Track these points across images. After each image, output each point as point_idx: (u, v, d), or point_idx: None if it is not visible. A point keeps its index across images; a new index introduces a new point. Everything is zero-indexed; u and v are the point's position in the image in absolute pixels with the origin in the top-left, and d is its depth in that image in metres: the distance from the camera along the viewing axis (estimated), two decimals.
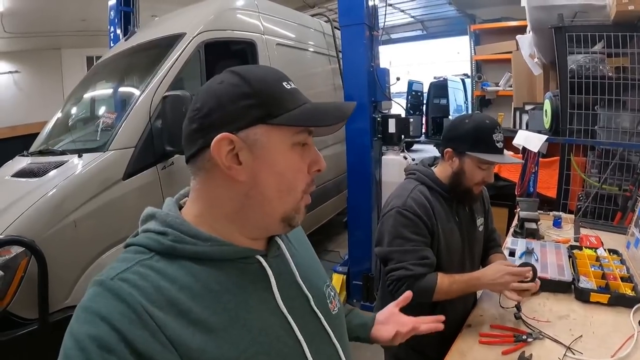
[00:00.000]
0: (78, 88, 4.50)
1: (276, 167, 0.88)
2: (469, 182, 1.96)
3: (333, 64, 5.92)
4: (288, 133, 0.89)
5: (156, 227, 0.87)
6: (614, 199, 3.62)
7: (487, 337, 1.84)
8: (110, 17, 5.68)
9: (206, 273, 0.84)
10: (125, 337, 0.72)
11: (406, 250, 1.90)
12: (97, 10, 6.04)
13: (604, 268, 2.34)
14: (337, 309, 1.09)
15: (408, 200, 1.96)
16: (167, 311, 0.77)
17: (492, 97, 7.59)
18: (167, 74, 3.52)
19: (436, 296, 1.86)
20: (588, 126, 3.76)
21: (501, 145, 1.91)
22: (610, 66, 3.73)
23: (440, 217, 1.98)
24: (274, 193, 0.89)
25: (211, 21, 4.05)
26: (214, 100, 0.86)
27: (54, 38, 10.22)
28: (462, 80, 14.83)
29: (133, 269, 0.80)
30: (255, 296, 0.89)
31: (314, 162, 0.95)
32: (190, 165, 0.92)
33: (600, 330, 1.86)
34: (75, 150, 3.28)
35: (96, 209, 2.95)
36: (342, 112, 0.93)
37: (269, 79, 0.89)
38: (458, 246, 2.06)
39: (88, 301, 0.77)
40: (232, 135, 0.84)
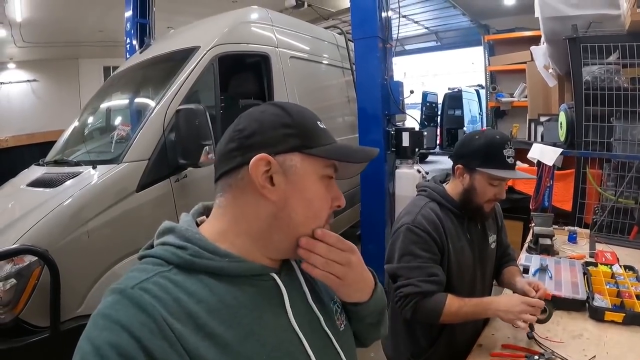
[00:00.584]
0: (94, 99, 4.55)
1: (306, 193, 0.93)
2: (480, 199, 1.93)
3: (347, 77, 5.88)
4: (319, 165, 0.95)
5: (175, 241, 0.89)
6: (630, 212, 3.55)
7: (499, 358, 1.81)
8: (126, 28, 5.75)
9: (223, 288, 0.86)
10: (145, 347, 0.73)
11: (415, 267, 1.88)
12: (115, 22, 6.12)
13: (619, 285, 2.29)
14: (343, 325, 1.09)
15: (418, 217, 1.94)
16: (185, 323, 0.78)
17: (507, 108, 7.55)
18: (181, 87, 3.53)
19: (444, 318, 1.83)
20: (604, 138, 3.70)
21: (512, 160, 1.89)
22: (625, 77, 3.68)
23: (451, 234, 1.96)
24: (301, 218, 0.93)
25: (225, 34, 4.05)
26: (256, 125, 0.92)
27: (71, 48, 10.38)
28: (476, 91, 14.84)
29: (153, 280, 0.82)
30: (269, 312, 0.91)
31: (335, 197, 1.00)
32: (222, 182, 0.96)
33: (614, 351, 1.82)
34: (89, 162, 3.31)
35: (109, 220, 2.96)
36: (367, 154, 1.01)
37: (307, 116, 0.98)
38: (469, 264, 2.02)
39: (107, 309, 0.78)
40: (270, 157, 0.89)
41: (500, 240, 2.27)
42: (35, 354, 2.63)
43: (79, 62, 11.38)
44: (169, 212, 3.25)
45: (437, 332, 2.01)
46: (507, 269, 2.23)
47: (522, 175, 2.14)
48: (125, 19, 5.77)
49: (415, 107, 15.29)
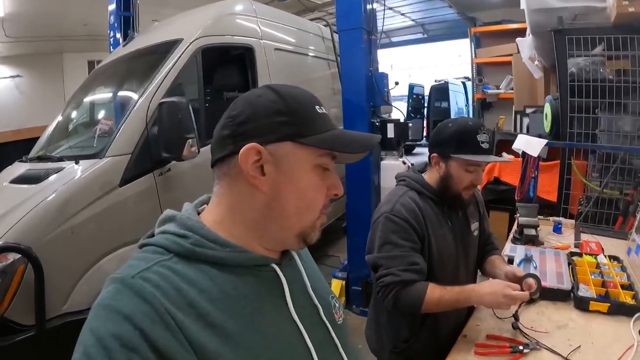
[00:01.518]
0: (77, 93, 4.50)
1: (298, 183, 0.91)
2: (458, 186, 1.92)
3: (332, 69, 5.89)
4: (313, 154, 0.92)
5: (176, 229, 0.89)
6: (615, 203, 3.57)
7: (483, 348, 1.80)
8: (110, 21, 5.66)
9: (223, 278, 0.86)
10: (148, 337, 0.72)
11: (395, 255, 1.86)
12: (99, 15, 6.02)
13: (604, 275, 2.30)
14: (341, 319, 1.11)
15: (396, 205, 1.93)
16: (187, 313, 0.78)
17: (493, 99, 7.58)
18: (164, 80, 3.51)
19: (425, 307, 1.81)
20: (589, 130, 3.72)
21: (487, 145, 1.87)
22: (610, 69, 3.69)
23: (431, 222, 1.94)
24: (293, 209, 0.92)
25: (209, 26, 4.03)
26: (249, 111, 0.90)
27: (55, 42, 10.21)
28: (463, 83, 14.91)
29: (153, 269, 0.81)
30: (270, 303, 0.91)
31: (332, 186, 0.97)
32: (216, 170, 0.95)
33: (599, 341, 1.82)
34: (72, 157, 3.29)
35: (93, 215, 2.94)
36: (367, 142, 0.99)
37: (304, 101, 0.94)
38: (452, 252, 2.01)
39: (108, 299, 0.77)
40: (260, 147, 0.88)
41: (483, 228, 2.26)
42: (21, 352, 2.60)
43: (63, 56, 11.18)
44: (153, 206, 3.25)
45: (420, 323, 1.99)
46: (490, 258, 2.22)
47: (497, 158, 2.12)
48: (109, 11, 5.68)
49: (402, 99, 15.32)
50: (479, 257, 2.26)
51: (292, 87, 0.98)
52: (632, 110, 3.65)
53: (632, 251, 2.57)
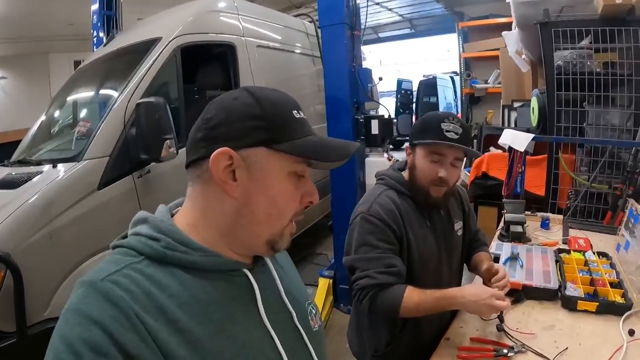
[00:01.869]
0: (58, 95, 4.44)
1: (269, 191, 0.90)
2: (422, 177, 1.84)
3: (317, 65, 5.80)
4: (288, 161, 0.90)
5: (148, 231, 0.88)
6: (604, 197, 3.53)
7: (466, 352, 1.73)
8: (93, 21, 5.58)
9: (194, 282, 0.85)
10: (117, 341, 0.71)
11: (371, 258, 1.79)
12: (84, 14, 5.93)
13: (593, 273, 2.24)
14: (317, 326, 1.09)
15: (373, 205, 1.86)
16: (156, 318, 0.77)
17: (482, 94, 7.57)
18: (142, 80, 3.45)
19: (403, 312, 1.73)
20: (576, 123, 3.68)
21: (454, 136, 1.76)
22: (597, 61, 3.66)
23: (411, 222, 1.87)
24: (263, 216, 0.91)
25: (188, 24, 3.97)
26: (223, 114, 0.88)
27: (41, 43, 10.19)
28: (451, 78, 14.95)
29: (123, 272, 0.80)
30: (241, 309, 0.90)
31: (307, 194, 0.96)
32: (190, 172, 0.93)
33: (587, 342, 1.76)
34: (50, 160, 3.24)
35: (72, 220, 2.90)
36: (345, 151, 0.95)
37: (281, 105, 0.91)
38: (433, 252, 1.93)
39: (78, 303, 0.76)
40: (232, 152, 0.85)
41: (469, 226, 2.19)
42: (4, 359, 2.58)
43: (49, 57, 11.18)
44: (133, 208, 3.18)
45: (401, 326, 1.93)
46: (476, 255, 2.16)
47: (459, 146, 1.82)
48: (92, 11, 5.60)
49: (390, 95, 15.30)
50: (466, 254, 2.20)
51: (270, 90, 0.95)
52: (620, 103, 3.63)
53: (622, 247, 2.51)
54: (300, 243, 5.98)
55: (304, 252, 6.16)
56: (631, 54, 3.47)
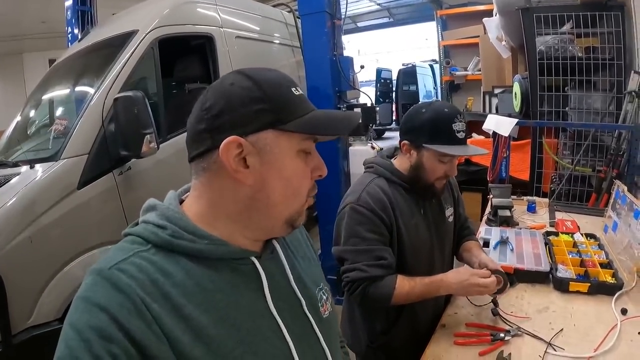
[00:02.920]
0: (34, 93, 4.31)
1: (283, 172, 0.88)
2: (430, 176, 1.81)
3: (297, 56, 5.72)
4: (296, 139, 0.89)
5: (155, 219, 0.87)
6: (587, 180, 3.57)
7: (463, 338, 1.73)
8: (67, 17, 5.45)
9: (200, 271, 0.84)
10: (124, 327, 0.72)
11: (361, 250, 1.76)
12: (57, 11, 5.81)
13: (582, 254, 2.26)
14: (328, 313, 1.08)
15: (363, 194, 1.81)
16: (161, 304, 0.77)
17: (461, 81, 7.58)
18: (119, 74, 3.35)
19: (394, 301, 1.72)
20: (559, 108, 3.71)
21: (463, 135, 1.74)
22: (579, 46, 3.69)
23: (402, 211, 1.83)
24: (280, 198, 0.90)
25: (165, 16, 3.87)
26: (224, 102, 0.85)
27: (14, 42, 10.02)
28: (430, 66, 14.97)
29: (130, 260, 0.80)
30: (247, 297, 0.89)
31: (316, 167, 0.95)
32: (195, 165, 0.90)
33: (581, 322, 1.78)
34: (27, 161, 3.13)
35: (52, 222, 2.80)
36: (350, 122, 0.94)
37: (280, 84, 0.89)
38: (425, 241, 1.91)
39: (86, 291, 0.77)
40: (241, 139, 0.83)
41: (458, 213, 2.17)
42: None
43: (23, 56, 11.00)
44: (115, 207, 3.12)
45: (396, 316, 1.92)
46: (466, 244, 2.14)
47: (475, 151, 1.93)
48: (66, 7, 5.47)
49: (370, 84, 15.31)
50: (455, 243, 2.18)
51: (265, 70, 0.92)
52: (602, 87, 3.67)
53: (609, 228, 2.54)
54: None
55: None
56: (612, 39, 3.51)
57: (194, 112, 0.89)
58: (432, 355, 1.66)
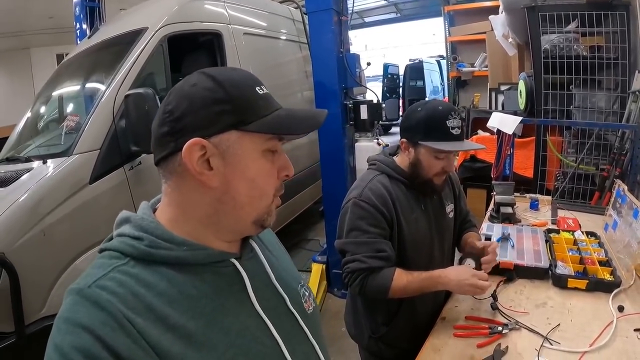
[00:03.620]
0: (44, 89, 4.35)
1: (247, 173, 0.88)
2: (427, 173, 1.86)
3: (304, 52, 5.77)
4: (260, 139, 0.88)
5: (131, 231, 0.86)
6: (591, 178, 3.59)
7: (462, 330, 1.78)
8: (75, 13, 5.46)
9: (182, 278, 0.84)
10: (109, 345, 0.71)
11: (362, 242, 1.83)
12: (64, 6, 5.82)
13: (582, 252, 2.30)
14: (312, 308, 1.09)
15: (365, 190, 1.88)
16: (145, 317, 0.76)
17: (468, 77, 7.55)
18: (130, 71, 3.41)
19: (392, 294, 1.79)
20: (563, 106, 3.73)
21: (458, 131, 1.78)
22: (584, 45, 3.70)
23: (402, 207, 1.89)
24: (246, 199, 0.89)
25: (174, 14, 3.91)
26: (186, 104, 0.84)
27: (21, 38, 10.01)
28: (437, 61, 14.91)
29: (109, 276, 0.79)
30: (232, 299, 0.89)
31: (283, 167, 0.95)
32: (161, 169, 0.90)
33: (578, 318, 1.82)
34: (40, 157, 3.19)
35: (65, 215, 2.86)
36: (315, 121, 0.95)
37: (243, 84, 0.88)
38: (425, 236, 1.96)
39: (67, 312, 0.76)
40: (204, 141, 0.83)
41: (460, 208, 2.22)
42: None
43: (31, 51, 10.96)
44: (126, 201, 3.18)
45: (396, 308, 1.97)
46: (466, 235, 2.19)
47: (470, 146, 2.00)
48: (74, 3, 5.47)
49: (376, 80, 15.28)
50: (457, 236, 2.23)
51: (229, 69, 0.94)
52: (606, 86, 3.68)
53: (610, 227, 2.57)
54: (291, 229, 5.98)
55: (295, 238, 6.16)
56: (617, 38, 3.52)
57: (157, 115, 0.89)
58: (432, 347, 1.71)
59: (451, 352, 1.66)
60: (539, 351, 1.61)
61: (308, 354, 1.01)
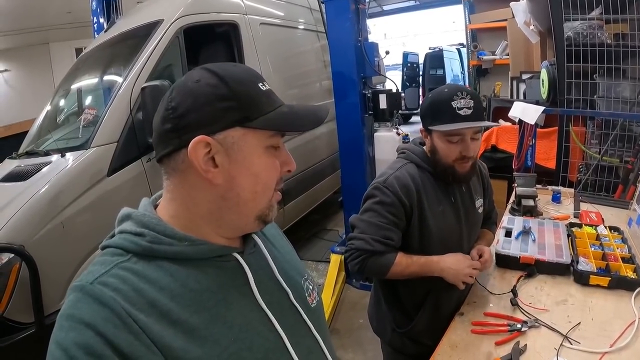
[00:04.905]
0: (62, 83, 4.42)
1: (252, 169, 0.89)
2: (446, 158, 1.84)
3: (322, 41, 5.75)
4: (264, 136, 0.89)
5: (132, 228, 0.87)
6: (615, 171, 3.51)
7: (480, 327, 1.76)
8: (92, 7, 5.52)
9: (184, 273, 0.85)
10: (111, 342, 0.72)
11: (372, 223, 1.85)
12: (82, 1, 5.89)
13: (605, 248, 2.25)
14: (315, 302, 1.11)
15: (390, 178, 1.88)
16: (148, 313, 0.77)
17: (489, 66, 7.47)
18: (146, 64, 3.45)
19: (390, 275, 1.83)
20: (587, 96, 3.64)
21: (467, 111, 1.73)
22: (608, 33, 3.60)
23: (428, 197, 1.88)
24: (250, 194, 0.90)
25: (189, 5, 3.93)
26: (190, 100, 0.85)
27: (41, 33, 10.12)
28: (458, 50, 14.80)
29: (112, 272, 0.80)
30: (235, 293, 0.90)
31: (284, 162, 0.96)
32: (163, 165, 0.91)
33: (599, 317, 1.78)
34: (58, 150, 3.26)
35: (83, 208, 2.93)
36: (317, 117, 0.96)
37: (246, 80, 0.89)
38: (454, 228, 1.94)
39: (70, 308, 0.77)
40: (209, 138, 0.84)
41: (487, 203, 2.20)
42: (23, 350, 2.62)
43: (50, 46, 11.06)
44: (144, 193, 3.14)
45: (421, 303, 1.96)
46: (480, 232, 2.18)
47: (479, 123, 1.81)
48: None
49: (396, 68, 15.21)
50: None
51: (230, 65, 0.93)
52: (631, 75, 3.57)
53: (633, 222, 2.51)
54: (310, 220, 6.02)
55: (314, 228, 6.20)
56: None
57: (159, 112, 0.90)
58: (449, 343, 1.70)
59: (468, 349, 1.65)
60: (558, 350, 1.58)
61: (311, 348, 1.02)
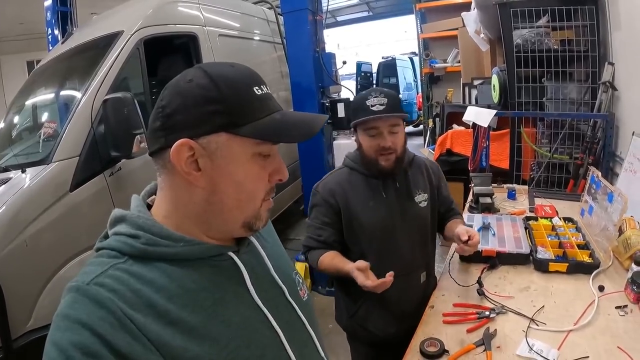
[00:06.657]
0: (17, 97, 4.25)
1: (235, 177, 0.87)
2: (368, 151, 2.01)
3: (279, 52, 5.81)
4: (250, 143, 0.86)
5: (127, 230, 0.85)
6: (565, 167, 3.69)
7: (451, 317, 1.84)
8: (47, 18, 5.35)
9: (181, 273, 0.84)
10: (108, 342, 0.71)
11: (310, 224, 2.16)
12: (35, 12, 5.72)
13: (561, 237, 2.38)
14: (306, 295, 1.11)
15: (321, 183, 2.17)
16: (146, 314, 0.76)
17: (441, 73, 7.67)
18: (107, 75, 3.35)
19: (320, 270, 2.06)
20: (536, 98, 3.82)
21: (380, 107, 1.92)
22: (555, 39, 3.78)
23: (358, 196, 2.07)
24: (234, 202, 0.88)
25: (149, 16, 3.88)
26: (179, 100, 0.83)
27: None
28: (410, 58, 15.00)
29: (108, 273, 0.79)
30: (231, 292, 0.90)
31: (276, 171, 0.93)
32: (154, 161, 0.90)
33: (561, 299, 1.89)
34: (18, 166, 3.09)
35: (47, 224, 2.79)
36: (310, 128, 0.91)
37: (240, 83, 0.86)
38: (386, 223, 2.05)
39: (66, 308, 0.75)
40: (192, 142, 0.82)
41: (442, 198, 2.29)
42: None
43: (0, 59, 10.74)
44: (107, 208, 3.06)
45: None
46: (450, 222, 2.25)
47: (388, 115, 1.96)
48: (45, 8, 5.37)
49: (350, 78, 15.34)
50: (440, 225, 2.29)
51: (227, 66, 0.90)
52: (577, 77, 3.76)
53: (586, 212, 2.66)
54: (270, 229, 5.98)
55: None
56: (587, 32, 3.60)
57: (154, 108, 0.88)
58: (423, 334, 1.75)
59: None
60: (527, 332, 1.67)
61: (305, 342, 1.03)
